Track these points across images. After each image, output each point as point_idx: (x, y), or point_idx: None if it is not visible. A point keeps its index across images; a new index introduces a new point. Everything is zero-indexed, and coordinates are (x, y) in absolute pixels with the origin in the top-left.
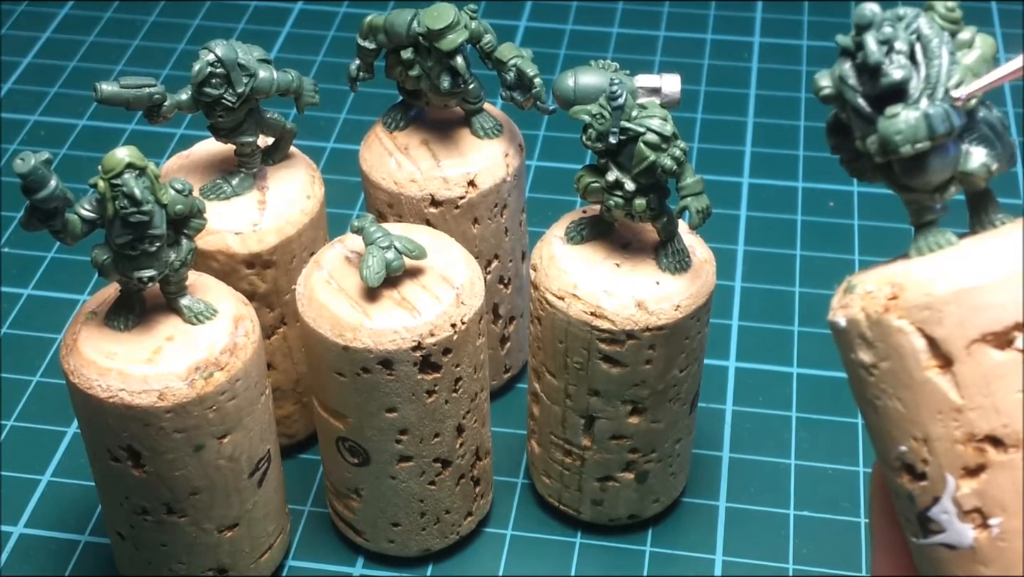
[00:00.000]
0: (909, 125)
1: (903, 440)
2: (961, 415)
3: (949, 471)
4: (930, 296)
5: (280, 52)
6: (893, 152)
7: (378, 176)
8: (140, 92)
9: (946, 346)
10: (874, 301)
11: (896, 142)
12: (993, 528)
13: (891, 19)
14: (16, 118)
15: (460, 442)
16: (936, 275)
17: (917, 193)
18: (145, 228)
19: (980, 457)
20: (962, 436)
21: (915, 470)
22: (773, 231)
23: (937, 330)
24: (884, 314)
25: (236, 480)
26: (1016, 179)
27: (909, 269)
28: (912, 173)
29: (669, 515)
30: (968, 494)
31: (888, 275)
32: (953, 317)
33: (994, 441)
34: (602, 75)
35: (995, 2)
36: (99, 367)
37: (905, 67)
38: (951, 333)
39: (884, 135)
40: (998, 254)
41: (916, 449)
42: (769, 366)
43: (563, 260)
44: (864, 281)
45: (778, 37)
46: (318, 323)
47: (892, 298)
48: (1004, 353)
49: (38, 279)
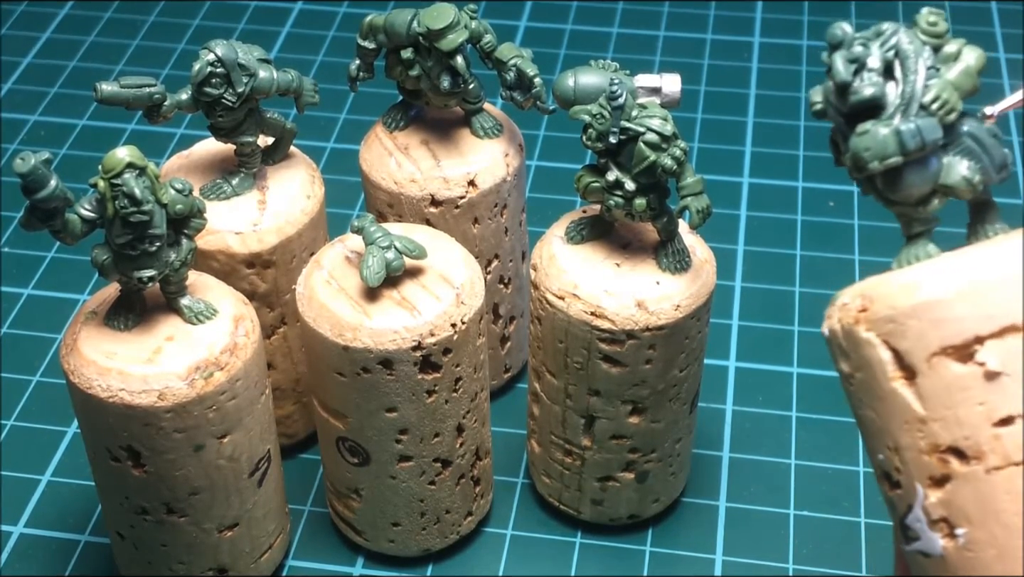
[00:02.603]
0: (877, 142)
1: (879, 449)
2: (925, 426)
3: (918, 480)
4: (893, 309)
5: (280, 52)
6: (863, 168)
7: (378, 176)
8: (140, 92)
9: (909, 358)
10: (847, 313)
11: (864, 158)
12: (959, 538)
13: (866, 37)
14: (16, 118)
15: (460, 442)
16: (900, 288)
17: (900, 206)
18: (145, 228)
19: (944, 468)
20: (927, 447)
21: (891, 478)
22: (773, 231)
23: (900, 343)
24: (855, 326)
25: (236, 480)
26: (1016, 179)
27: (880, 281)
28: (890, 187)
29: (669, 515)
30: (935, 504)
31: (863, 288)
32: (914, 330)
33: (957, 453)
34: (602, 75)
35: (995, 2)
36: (99, 367)
37: (876, 84)
38: (913, 346)
39: (854, 151)
40: (965, 268)
41: (890, 458)
42: (769, 366)
43: (563, 260)
44: (844, 293)
45: (778, 37)
46: (318, 323)
47: (862, 311)
48: (965, 366)
49: (38, 279)
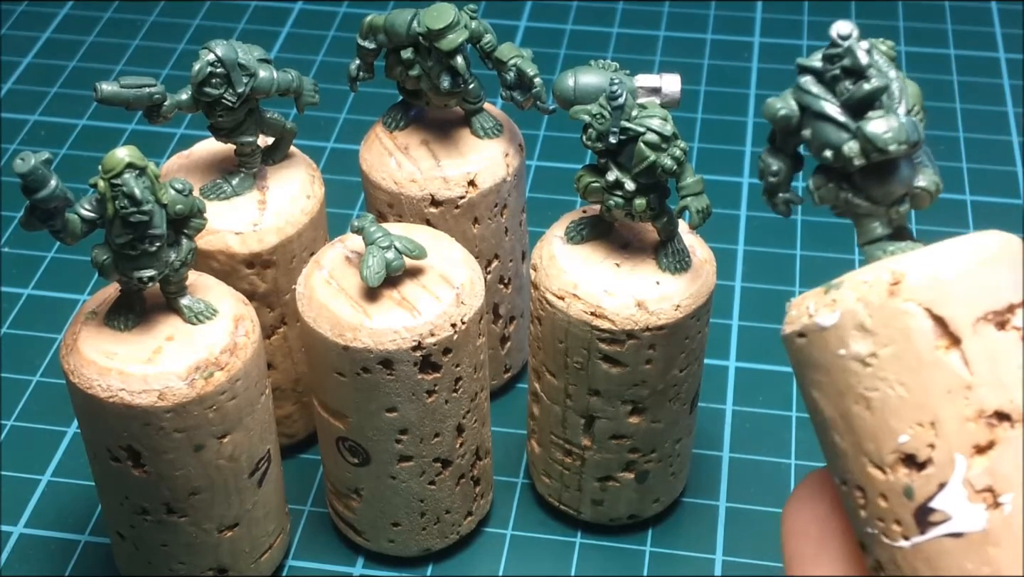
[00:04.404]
0: (893, 127)
1: (904, 428)
2: (971, 392)
3: (960, 450)
4: (936, 278)
5: (280, 52)
6: (880, 151)
7: (378, 176)
8: (140, 92)
9: (954, 325)
10: (874, 289)
11: (886, 140)
12: (1005, 505)
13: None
14: (16, 118)
15: (460, 442)
16: (937, 260)
17: (876, 206)
18: (145, 228)
19: (990, 433)
20: (973, 413)
21: (916, 460)
22: (773, 231)
23: (945, 309)
24: (889, 299)
25: (236, 480)
26: (1016, 179)
27: (903, 259)
28: (883, 180)
29: (669, 515)
30: (979, 473)
31: (877, 268)
32: (959, 296)
33: (1001, 416)
34: (602, 75)
35: (995, 2)
36: (99, 367)
37: (883, 76)
38: (958, 312)
39: (873, 134)
40: (984, 243)
41: (921, 435)
42: (769, 366)
43: (563, 260)
44: (850, 278)
45: (778, 37)
46: (318, 323)
47: (895, 284)
48: (1004, 332)
49: (38, 279)
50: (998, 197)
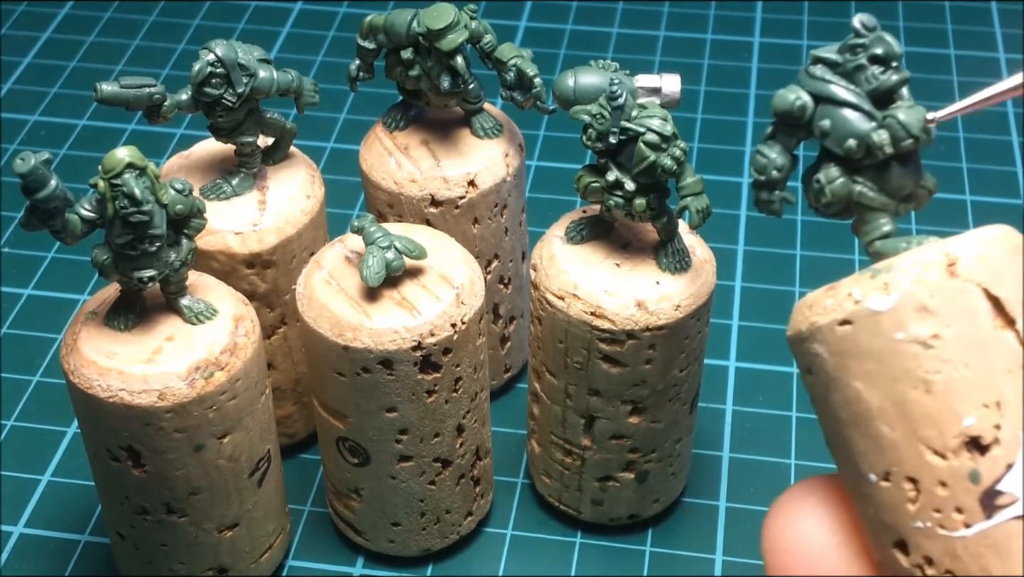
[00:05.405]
0: (923, 116)
1: (969, 411)
2: None
3: None
4: (990, 259)
5: (280, 52)
6: (913, 136)
7: (378, 176)
8: (140, 92)
9: (1008, 305)
10: (932, 270)
11: (920, 128)
12: None
13: None
14: (16, 118)
15: (460, 442)
16: (983, 243)
17: (888, 200)
18: (145, 228)
19: None
20: None
21: (982, 442)
22: (773, 231)
23: (1000, 290)
24: (950, 279)
25: (236, 480)
26: (1016, 179)
27: (953, 242)
28: (897, 173)
29: (669, 515)
30: None
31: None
32: (1009, 278)
33: None
34: (602, 75)
35: (995, 2)
36: (99, 367)
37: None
38: (1011, 293)
39: (907, 122)
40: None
41: (987, 416)
42: (769, 366)
43: (563, 260)
44: (898, 262)
45: (778, 37)
46: (318, 323)
47: (951, 264)
48: None
49: (38, 279)
50: (998, 197)
